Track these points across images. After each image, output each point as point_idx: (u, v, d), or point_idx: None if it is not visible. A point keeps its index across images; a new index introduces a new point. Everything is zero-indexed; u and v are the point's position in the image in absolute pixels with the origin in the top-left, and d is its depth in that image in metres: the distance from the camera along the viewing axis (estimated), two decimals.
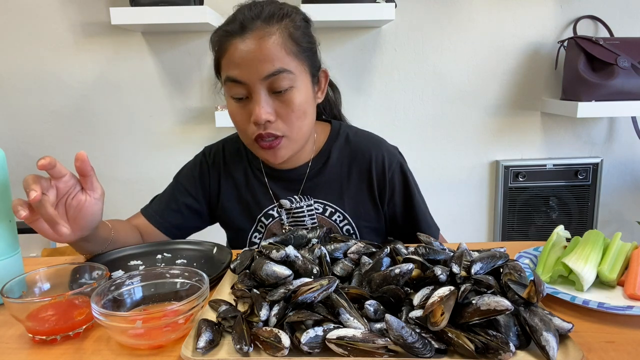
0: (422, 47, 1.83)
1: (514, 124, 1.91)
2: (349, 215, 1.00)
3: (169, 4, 1.53)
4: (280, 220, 1.01)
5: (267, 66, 0.82)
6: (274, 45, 0.83)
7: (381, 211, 1.02)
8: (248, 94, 0.85)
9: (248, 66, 0.82)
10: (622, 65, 1.63)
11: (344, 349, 0.52)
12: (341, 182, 1.00)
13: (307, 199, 1.00)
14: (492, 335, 0.52)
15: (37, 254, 1.86)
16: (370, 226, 1.02)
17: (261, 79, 0.83)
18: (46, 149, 1.84)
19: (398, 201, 1.02)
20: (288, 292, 0.59)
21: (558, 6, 1.80)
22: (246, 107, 0.86)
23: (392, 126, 1.89)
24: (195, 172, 1.05)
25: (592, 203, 1.94)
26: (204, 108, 1.84)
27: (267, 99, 0.85)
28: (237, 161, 1.05)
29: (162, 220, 1.02)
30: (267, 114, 0.84)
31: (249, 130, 0.87)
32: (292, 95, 0.85)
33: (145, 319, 0.56)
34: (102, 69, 1.79)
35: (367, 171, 1.00)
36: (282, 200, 1.00)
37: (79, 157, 0.71)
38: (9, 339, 0.62)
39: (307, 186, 1.00)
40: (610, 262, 0.71)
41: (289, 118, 0.86)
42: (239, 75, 0.83)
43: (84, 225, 0.75)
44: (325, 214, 1.00)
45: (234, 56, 0.84)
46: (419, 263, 0.63)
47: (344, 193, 1.00)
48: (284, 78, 0.83)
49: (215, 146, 1.08)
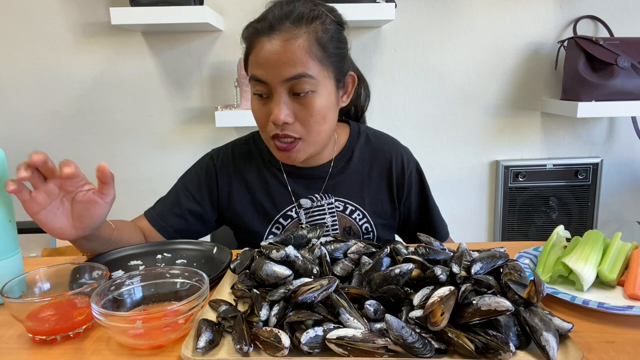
0: (422, 47, 1.83)
1: (514, 124, 1.91)
2: (368, 213, 1.02)
3: (169, 4, 1.53)
4: (298, 221, 1.01)
5: (289, 69, 0.83)
6: (299, 49, 0.83)
7: (397, 209, 1.05)
8: (269, 93, 0.86)
9: (271, 67, 0.84)
10: (622, 65, 1.63)
11: (344, 349, 0.52)
12: (362, 180, 1.03)
13: (328, 197, 1.01)
14: (492, 335, 0.52)
15: (37, 254, 1.86)
16: (386, 224, 1.04)
17: (282, 81, 0.84)
18: (46, 149, 1.84)
19: (414, 200, 1.06)
20: (288, 292, 0.59)
21: (558, 6, 1.80)
22: (267, 105, 0.87)
23: (392, 126, 1.89)
24: (202, 176, 1.04)
25: (592, 203, 1.94)
26: (204, 108, 1.84)
27: (287, 101, 0.85)
28: (249, 163, 1.04)
29: (164, 224, 1.00)
30: (285, 115, 0.85)
31: (268, 128, 0.89)
32: (312, 99, 0.85)
33: (145, 319, 0.56)
34: (102, 69, 1.79)
35: (387, 170, 1.03)
36: (302, 200, 1.00)
37: (99, 169, 0.74)
38: (9, 339, 0.62)
39: (329, 184, 1.01)
40: (610, 262, 0.71)
41: (307, 121, 0.87)
42: (262, 75, 0.85)
43: (87, 224, 0.76)
44: (345, 212, 1.01)
45: (259, 55, 0.85)
46: (419, 263, 0.63)
47: (365, 191, 1.02)
48: (305, 82, 0.84)
49: (224, 149, 1.07)
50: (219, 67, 1.80)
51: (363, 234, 1.02)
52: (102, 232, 0.84)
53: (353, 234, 1.01)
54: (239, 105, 1.72)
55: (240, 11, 1.75)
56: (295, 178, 1.02)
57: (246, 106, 1.68)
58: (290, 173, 1.02)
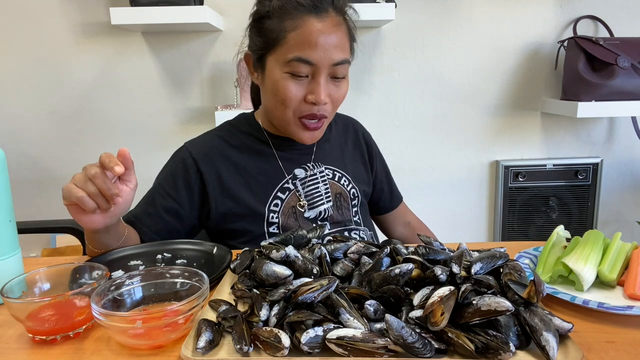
0: (422, 47, 1.83)
1: (514, 124, 1.91)
2: (352, 179, 1.08)
3: (169, 4, 1.53)
4: (296, 192, 1.01)
5: (339, 54, 0.88)
6: (345, 36, 0.90)
7: (370, 177, 1.15)
8: (313, 74, 0.89)
9: (325, 50, 0.86)
10: (622, 65, 1.63)
11: (344, 349, 0.52)
12: (342, 149, 1.11)
13: (319, 166, 1.05)
14: (492, 335, 0.52)
15: (37, 254, 1.86)
16: (366, 190, 1.12)
17: (331, 64, 0.88)
18: (46, 149, 1.84)
19: (379, 167, 1.18)
20: (288, 292, 0.59)
21: (558, 6, 1.80)
22: (304, 85, 0.90)
23: (392, 126, 1.89)
24: (178, 172, 0.99)
25: (592, 203, 1.94)
26: (204, 108, 1.84)
27: (327, 83, 0.90)
28: (232, 145, 1.02)
29: (140, 226, 0.96)
30: (326, 96, 0.90)
31: (301, 108, 0.91)
32: (344, 84, 0.93)
33: (145, 319, 0.56)
34: (102, 69, 1.79)
35: (357, 140, 1.14)
36: (297, 170, 1.02)
37: (121, 153, 0.77)
38: (9, 339, 0.62)
39: (318, 154, 1.06)
40: (610, 262, 0.71)
41: (337, 103, 0.94)
42: (313, 57, 0.86)
43: (115, 213, 0.80)
44: (335, 179, 1.06)
45: (311, 37, 0.86)
46: (419, 263, 0.63)
47: (346, 159, 1.10)
48: (345, 68, 0.91)
49: (200, 139, 1.05)
50: (219, 67, 1.80)
51: (351, 200, 1.07)
52: (119, 225, 0.86)
53: (343, 200, 1.06)
54: (239, 105, 1.72)
55: (240, 11, 1.75)
56: (285, 149, 1.03)
57: (246, 106, 1.68)
58: (278, 145, 1.03)
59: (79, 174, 0.75)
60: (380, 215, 1.22)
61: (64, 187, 0.75)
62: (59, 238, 1.89)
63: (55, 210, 1.86)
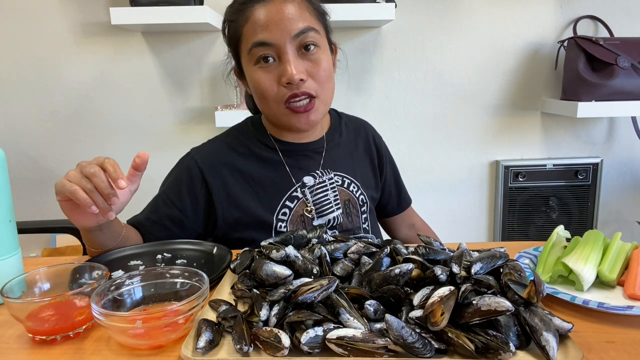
0: (422, 47, 1.83)
1: (514, 124, 1.91)
2: (360, 185, 1.05)
3: (169, 4, 1.53)
4: (305, 200, 0.98)
5: (296, 24, 0.85)
6: (299, 5, 0.87)
7: (379, 182, 1.12)
8: (278, 54, 0.86)
9: (277, 26, 0.85)
10: (622, 65, 1.63)
11: (344, 349, 0.52)
12: (352, 154, 1.07)
13: (327, 173, 1.02)
14: (492, 335, 0.52)
15: (37, 254, 1.86)
16: (374, 196, 1.10)
17: (291, 37, 0.85)
18: (46, 149, 1.84)
19: (389, 172, 1.15)
20: (288, 292, 0.59)
21: (558, 6, 1.80)
22: (275, 70, 0.87)
23: (392, 126, 1.89)
24: (183, 180, 0.98)
25: (592, 203, 1.94)
26: (204, 108, 1.84)
27: (297, 59, 0.87)
28: (238, 152, 1.00)
29: (145, 232, 0.96)
30: (300, 72, 0.85)
31: (280, 94, 0.88)
32: (319, 54, 0.89)
33: (145, 319, 0.56)
34: (102, 69, 1.79)
35: (369, 145, 1.10)
36: (305, 178, 0.99)
37: (141, 156, 0.77)
38: (9, 339, 0.62)
39: (326, 159, 1.03)
40: (610, 262, 0.71)
41: (320, 77, 0.89)
42: (268, 37, 0.85)
43: None
44: (344, 185, 1.03)
45: (260, 20, 0.85)
46: (419, 263, 0.63)
47: (355, 165, 1.07)
48: (312, 36, 0.87)
49: (206, 146, 1.03)
50: (219, 67, 1.80)
51: (360, 206, 1.04)
52: (115, 225, 0.85)
53: (352, 207, 1.03)
54: (238, 105, 1.72)
55: None
56: (293, 155, 1.00)
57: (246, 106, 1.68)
58: (286, 151, 1.00)
59: (72, 170, 0.74)
60: (386, 218, 1.21)
61: (57, 182, 0.75)
62: (59, 238, 1.89)
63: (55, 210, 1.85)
